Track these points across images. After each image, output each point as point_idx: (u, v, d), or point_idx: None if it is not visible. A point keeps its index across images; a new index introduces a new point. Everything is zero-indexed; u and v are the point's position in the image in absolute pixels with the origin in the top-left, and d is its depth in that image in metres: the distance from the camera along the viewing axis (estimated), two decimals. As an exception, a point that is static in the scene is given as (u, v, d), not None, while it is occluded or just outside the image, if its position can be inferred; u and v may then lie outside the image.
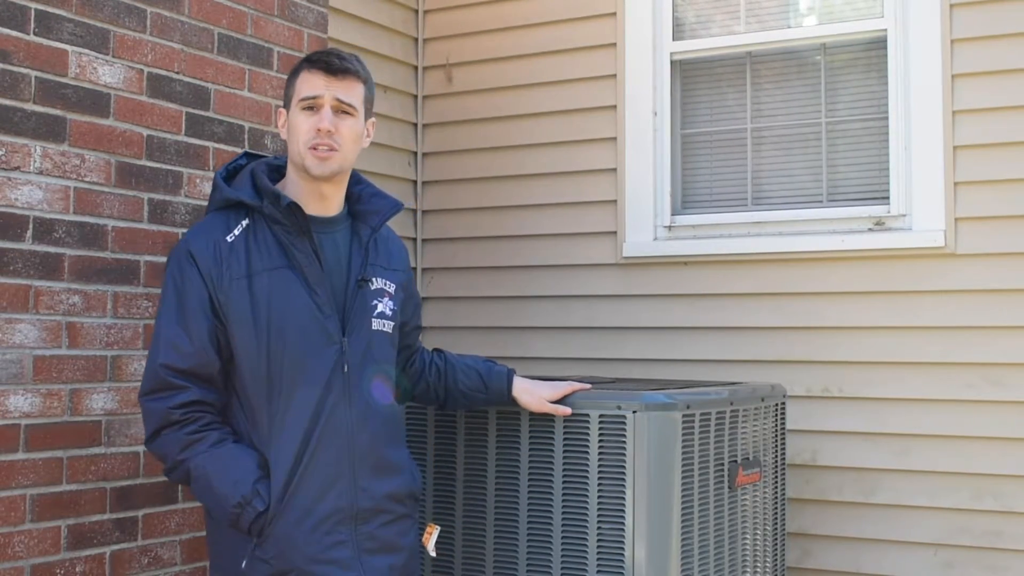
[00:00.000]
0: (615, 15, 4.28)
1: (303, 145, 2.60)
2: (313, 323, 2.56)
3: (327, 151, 2.59)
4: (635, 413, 2.80)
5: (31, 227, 2.96)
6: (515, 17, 4.49)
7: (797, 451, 3.88)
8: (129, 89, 3.24)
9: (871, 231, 3.86)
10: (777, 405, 3.45)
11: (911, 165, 3.80)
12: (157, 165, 3.32)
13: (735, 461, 3.10)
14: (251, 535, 2.51)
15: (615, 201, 4.25)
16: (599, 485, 2.83)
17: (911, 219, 3.80)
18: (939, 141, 3.74)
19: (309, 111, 2.61)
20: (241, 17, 3.63)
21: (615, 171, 4.26)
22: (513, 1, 4.50)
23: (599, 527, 2.82)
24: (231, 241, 2.57)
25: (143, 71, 3.29)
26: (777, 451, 3.44)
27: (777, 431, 3.44)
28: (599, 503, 2.83)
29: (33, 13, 2.97)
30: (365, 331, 2.63)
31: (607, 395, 2.89)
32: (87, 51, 3.12)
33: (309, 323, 2.55)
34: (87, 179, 3.11)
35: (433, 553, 2.87)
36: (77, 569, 3.04)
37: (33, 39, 2.98)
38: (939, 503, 3.71)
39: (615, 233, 4.25)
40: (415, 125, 4.64)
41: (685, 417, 2.86)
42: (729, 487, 3.07)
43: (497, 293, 4.48)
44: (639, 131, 4.22)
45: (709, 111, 4.26)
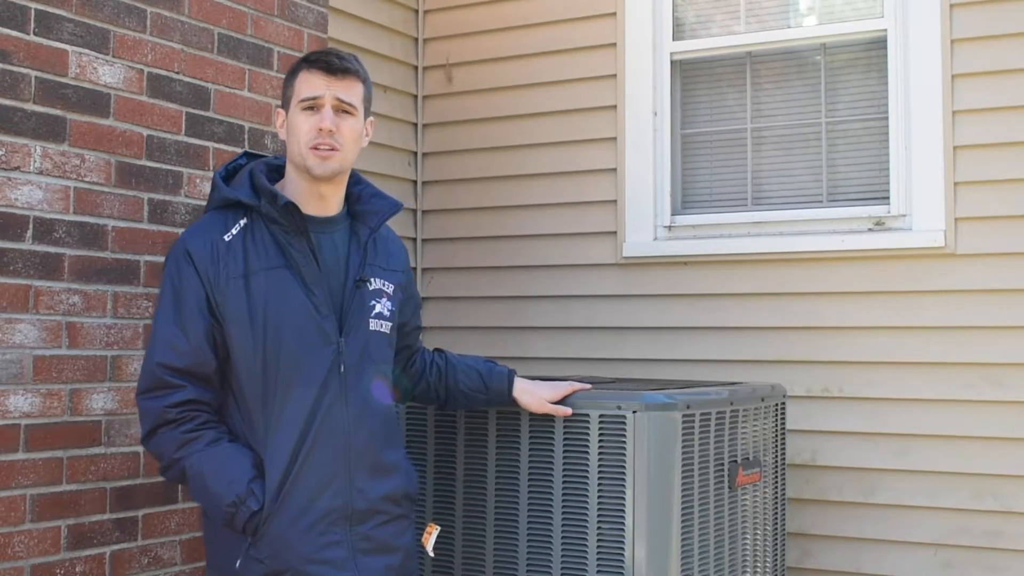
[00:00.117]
0: (615, 15, 4.28)
1: (304, 145, 2.59)
2: (310, 323, 2.55)
3: (328, 151, 2.59)
4: (635, 413, 2.80)
5: (31, 227, 2.96)
6: (515, 17, 4.49)
7: (797, 451, 3.88)
8: (129, 89, 3.24)
9: (871, 231, 3.86)
10: (777, 405, 3.45)
11: (911, 165, 3.80)
12: (157, 165, 3.32)
13: (735, 461, 3.10)
14: (246, 534, 2.51)
15: (615, 201, 4.25)
16: (599, 485, 2.83)
17: (911, 219, 3.80)
18: (939, 141, 3.74)
19: (309, 111, 2.60)
20: (241, 17, 3.63)
21: (615, 171, 4.26)
22: (513, 1, 4.49)
23: (599, 527, 2.82)
24: (229, 240, 2.57)
25: (143, 71, 3.29)
26: (777, 451, 3.44)
27: (777, 431, 3.44)
28: (599, 503, 2.82)
29: (33, 13, 2.97)
30: (362, 331, 2.63)
31: (607, 395, 2.88)
32: (87, 51, 3.12)
33: (306, 323, 2.55)
34: (87, 179, 3.11)
35: (432, 553, 2.87)
36: (77, 569, 3.04)
37: (33, 39, 2.98)
38: (939, 503, 3.71)
39: (615, 233, 4.25)
40: (415, 125, 4.64)
41: (685, 417, 2.86)
42: (729, 487, 3.07)
43: (497, 293, 4.48)
44: (639, 131, 4.22)
45: (709, 111, 4.26)
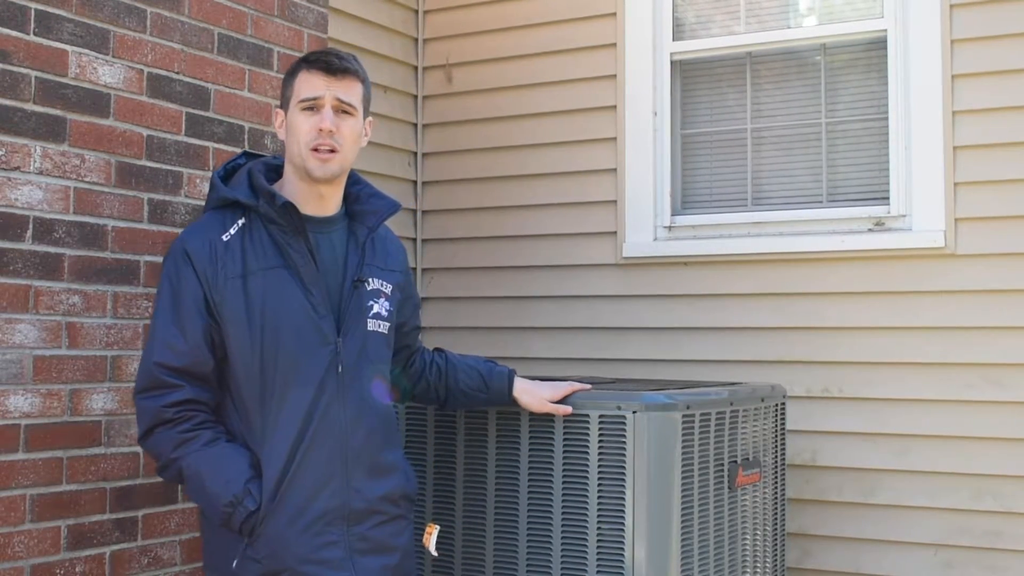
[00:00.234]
0: (615, 15, 4.28)
1: (304, 146, 2.59)
2: (308, 323, 2.55)
3: (328, 152, 2.59)
4: (635, 413, 2.80)
5: (31, 227, 2.96)
6: (515, 17, 4.48)
7: (797, 451, 3.88)
8: (129, 89, 3.24)
9: (871, 231, 3.86)
10: (777, 405, 3.45)
11: (911, 165, 3.80)
12: (157, 165, 3.32)
13: (735, 461, 3.10)
14: (243, 534, 2.51)
15: (615, 201, 4.25)
16: (599, 485, 2.82)
17: (911, 219, 3.80)
18: (939, 141, 3.74)
19: (309, 111, 2.60)
20: (241, 17, 3.63)
21: (615, 171, 4.26)
22: (513, 1, 4.49)
23: (599, 527, 2.82)
24: (227, 240, 2.57)
25: (143, 71, 3.29)
26: (777, 451, 3.44)
27: (777, 431, 3.44)
28: (599, 503, 2.82)
29: (33, 13, 2.97)
30: (360, 332, 2.62)
31: (607, 395, 2.89)
32: (87, 51, 3.12)
33: (304, 323, 2.55)
34: (87, 179, 3.11)
35: (434, 553, 2.86)
36: (77, 569, 3.03)
37: (33, 39, 2.98)
38: (939, 503, 3.71)
39: (615, 233, 4.25)
40: (415, 125, 4.64)
41: (685, 417, 2.86)
42: (729, 487, 3.07)
43: (497, 293, 4.48)
44: (639, 131, 4.22)
45: (709, 111, 4.26)
